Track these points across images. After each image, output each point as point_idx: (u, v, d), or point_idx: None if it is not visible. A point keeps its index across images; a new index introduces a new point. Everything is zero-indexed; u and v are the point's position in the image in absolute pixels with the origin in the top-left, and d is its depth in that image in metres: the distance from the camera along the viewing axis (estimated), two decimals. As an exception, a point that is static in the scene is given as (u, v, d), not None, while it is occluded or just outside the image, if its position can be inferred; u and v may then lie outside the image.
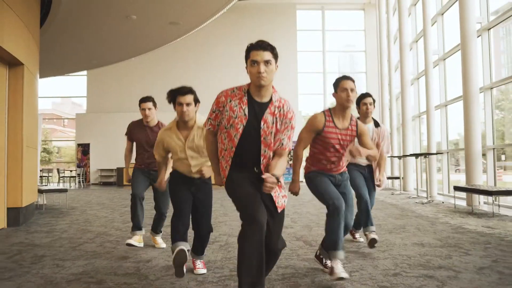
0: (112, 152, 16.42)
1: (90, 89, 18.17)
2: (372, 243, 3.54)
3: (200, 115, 3.02)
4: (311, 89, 19.56)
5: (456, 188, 6.82)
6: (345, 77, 2.89)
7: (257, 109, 2.19)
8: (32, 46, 6.22)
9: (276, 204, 2.22)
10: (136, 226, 3.84)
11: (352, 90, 2.82)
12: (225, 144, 2.25)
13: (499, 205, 6.38)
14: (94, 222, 5.63)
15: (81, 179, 15.52)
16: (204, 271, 2.96)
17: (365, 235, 3.67)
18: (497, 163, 7.61)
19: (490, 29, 7.48)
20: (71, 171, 15.95)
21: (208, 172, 2.88)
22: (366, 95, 3.88)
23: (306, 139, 2.92)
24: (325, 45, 19.43)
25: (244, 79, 2.25)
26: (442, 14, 9.75)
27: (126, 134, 4.06)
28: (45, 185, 10.03)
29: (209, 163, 2.82)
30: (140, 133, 3.94)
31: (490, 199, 6.56)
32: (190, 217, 2.99)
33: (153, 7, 8.82)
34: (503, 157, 9.23)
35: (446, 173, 9.56)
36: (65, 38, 9.89)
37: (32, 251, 3.77)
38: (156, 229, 3.94)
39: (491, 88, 7.41)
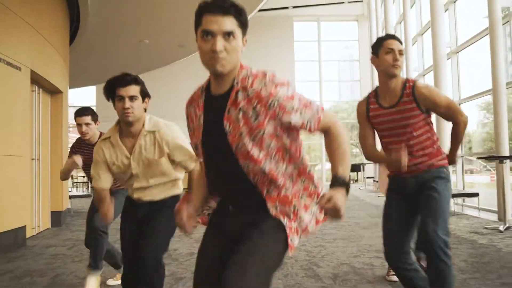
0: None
1: (99, 99, 19.30)
2: None
3: (151, 116, 2.24)
4: (308, 97, 20.65)
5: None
6: (390, 36, 2.20)
7: (215, 108, 1.37)
8: (65, 73, 7.36)
9: (289, 241, 1.35)
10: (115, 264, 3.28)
11: (400, 52, 2.12)
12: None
13: (462, 205, 7.51)
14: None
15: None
16: None
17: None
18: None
19: (458, 52, 8.59)
20: (83, 176, 17.05)
21: None
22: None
23: (362, 130, 2.28)
24: (321, 55, 20.53)
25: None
26: (422, 34, 10.88)
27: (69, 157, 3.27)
28: (70, 191, 11.17)
29: (161, 188, 2.27)
30: (86, 153, 3.18)
31: (458, 200, 7.66)
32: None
33: (164, 32, 10.02)
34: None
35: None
36: (86, 57, 11.06)
37: (83, 244, 4.89)
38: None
39: (459, 104, 8.53)
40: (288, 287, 3.10)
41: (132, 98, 2.07)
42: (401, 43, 2.16)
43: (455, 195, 6.71)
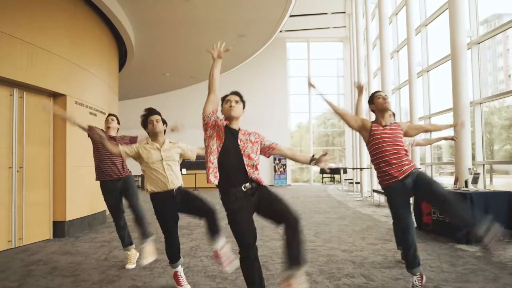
0: (136, 162, 20.54)
1: (120, 109, 22.33)
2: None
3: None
4: (299, 108, 23.58)
5: (374, 190, 11.00)
6: (377, 91, 3.56)
7: (232, 132, 2.79)
8: (117, 105, 10.37)
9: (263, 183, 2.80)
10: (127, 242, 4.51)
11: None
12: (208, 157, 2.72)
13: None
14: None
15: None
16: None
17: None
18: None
19: (429, 71, 9.87)
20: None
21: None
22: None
23: (353, 118, 3.55)
24: (310, 71, 23.40)
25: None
26: (374, 77, 13.91)
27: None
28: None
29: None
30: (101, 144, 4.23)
31: None
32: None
33: (180, 68, 13.14)
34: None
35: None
36: (125, 83, 14.12)
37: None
38: (145, 234, 4.03)
39: (430, 117, 11.36)
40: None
41: (157, 120, 3.58)
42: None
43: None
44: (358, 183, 15.15)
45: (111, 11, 7.80)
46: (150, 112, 3.64)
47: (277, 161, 20.96)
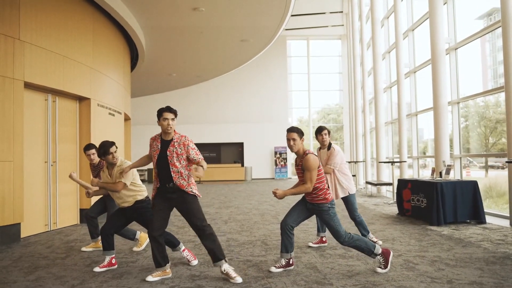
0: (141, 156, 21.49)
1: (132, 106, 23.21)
2: None
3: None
4: (299, 104, 24.39)
5: (367, 182, 11.88)
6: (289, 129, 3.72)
7: (165, 145, 3.54)
8: (130, 104, 11.28)
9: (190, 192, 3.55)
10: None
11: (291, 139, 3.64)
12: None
13: (387, 190, 11.45)
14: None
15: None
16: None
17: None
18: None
19: (416, 72, 10.91)
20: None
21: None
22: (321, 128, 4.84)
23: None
24: (310, 68, 24.18)
25: (242, 99, 4.37)
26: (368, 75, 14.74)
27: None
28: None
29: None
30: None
31: (390, 187, 11.52)
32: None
33: (186, 68, 14.00)
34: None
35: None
36: (136, 81, 15.06)
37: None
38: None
39: (416, 115, 12.39)
40: (244, 215, 7.06)
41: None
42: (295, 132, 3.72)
43: (377, 184, 10.65)
44: (354, 175, 16.04)
45: (125, 20, 8.65)
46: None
47: (278, 155, 21.84)
